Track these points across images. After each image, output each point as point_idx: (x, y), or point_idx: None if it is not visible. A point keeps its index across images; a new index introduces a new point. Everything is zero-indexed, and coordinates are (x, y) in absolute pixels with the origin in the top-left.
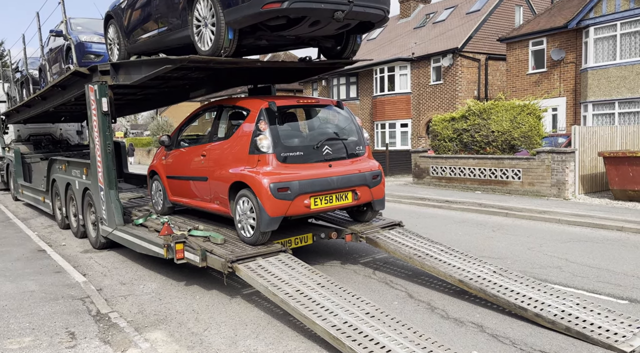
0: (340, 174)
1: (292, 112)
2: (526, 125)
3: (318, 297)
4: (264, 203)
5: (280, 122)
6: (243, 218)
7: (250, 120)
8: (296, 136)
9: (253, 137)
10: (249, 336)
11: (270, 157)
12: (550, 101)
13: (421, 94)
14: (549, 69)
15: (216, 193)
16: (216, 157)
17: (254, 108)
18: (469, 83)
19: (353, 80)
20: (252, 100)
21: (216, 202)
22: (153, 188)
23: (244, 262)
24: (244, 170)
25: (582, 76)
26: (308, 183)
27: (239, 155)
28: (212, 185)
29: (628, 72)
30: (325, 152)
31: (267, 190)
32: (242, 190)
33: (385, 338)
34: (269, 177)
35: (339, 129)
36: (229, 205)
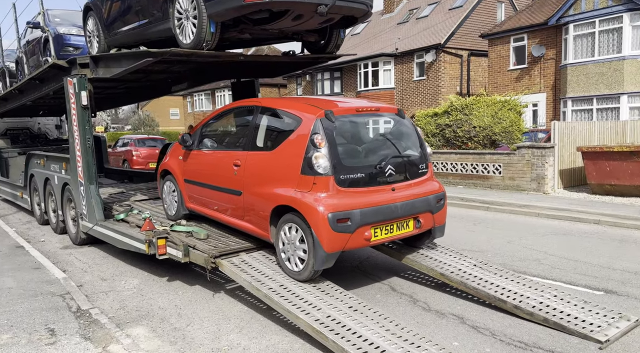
0: (404, 199)
1: (350, 123)
2: (507, 121)
3: (302, 292)
4: (321, 237)
5: (339, 136)
6: (289, 248)
7: (302, 132)
8: (356, 154)
9: (307, 154)
10: (232, 331)
11: (328, 181)
12: (531, 97)
13: (405, 89)
14: (529, 65)
15: (253, 212)
16: (256, 171)
17: (307, 116)
18: (451, 79)
19: (337, 75)
20: (303, 104)
21: (251, 222)
22: (165, 190)
23: (227, 257)
24: (294, 193)
25: (562, 72)
26: (371, 213)
27: (287, 174)
28: (247, 202)
29: (606, 69)
30: (388, 173)
31: (324, 221)
32: (288, 215)
33: (368, 331)
34: (328, 206)
35: (402, 143)
36: (269, 229)
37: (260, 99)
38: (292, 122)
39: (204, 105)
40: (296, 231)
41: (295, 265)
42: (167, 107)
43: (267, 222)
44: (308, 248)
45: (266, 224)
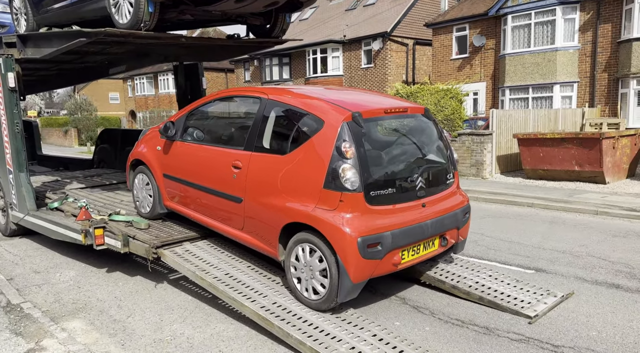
0: (434, 216)
1: (378, 128)
2: (449, 109)
3: (248, 280)
4: (348, 264)
5: (367, 144)
6: (305, 273)
7: (325, 137)
8: (386, 165)
9: (332, 165)
10: (175, 321)
11: (357, 198)
12: (472, 86)
13: (353, 76)
14: (471, 55)
15: (256, 224)
16: (262, 177)
17: (331, 118)
18: (397, 67)
19: (286, 60)
20: (323, 102)
21: (252, 234)
22: (136, 184)
23: (170, 247)
24: (314, 210)
25: (501, 62)
26: (402, 234)
27: (304, 186)
28: (249, 212)
29: (541, 59)
30: (419, 187)
31: (353, 246)
32: (304, 234)
33: (314, 315)
34: (357, 228)
35: (430, 150)
36: (277, 246)
37: (266, 89)
38: (311, 123)
39: (146, 89)
40: (315, 254)
41: (314, 292)
42: (106, 90)
43: (276, 238)
44: (330, 276)
45: (274, 240)
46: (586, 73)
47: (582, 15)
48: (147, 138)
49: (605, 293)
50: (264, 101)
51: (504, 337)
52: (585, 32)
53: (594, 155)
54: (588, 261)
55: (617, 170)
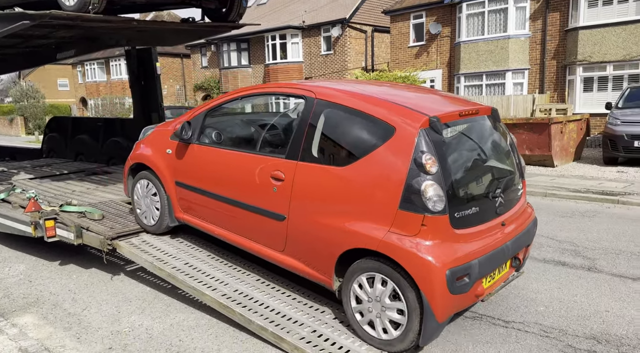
0: (513, 235)
1: (456, 134)
2: None
3: (208, 269)
4: (434, 302)
5: (448, 154)
6: (373, 308)
7: (398, 147)
8: (468, 179)
9: (410, 181)
10: (133, 312)
11: (442, 221)
12: (429, 73)
13: (313, 63)
14: (427, 42)
15: (304, 247)
16: (313, 192)
17: (404, 125)
18: (357, 54)
19: (244, 46)
20: (390, 104)
21: (297, 258)
22: (138, 191)
23: (125, 238)
24: (389, 235)
25: (456, 49)
26: (487, 261)
27: (373, 205)
28: (295, 232)
29: (494, 47)
30: (499, 202)
31: (441, 281)
32: (372, 262)
33: (276, 301)
34: (445, 259)
35: (502, 157)
36: (332, 274)
37: (313, 87)
38: (378, 129)
39: (97, 75)
40: (387, 286)
41: (383, 331)
42: (55, 76)
43: (330, 265)
44: (409, 315)
45: (327, 267)
46: (536, 60)
47: (532, 4)
48: (152, 139)
49: (552, 271)
50: (310, 101)
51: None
52: (535, 21)
53: (544, 139)
54: (537, 241)
55: (565, 153)
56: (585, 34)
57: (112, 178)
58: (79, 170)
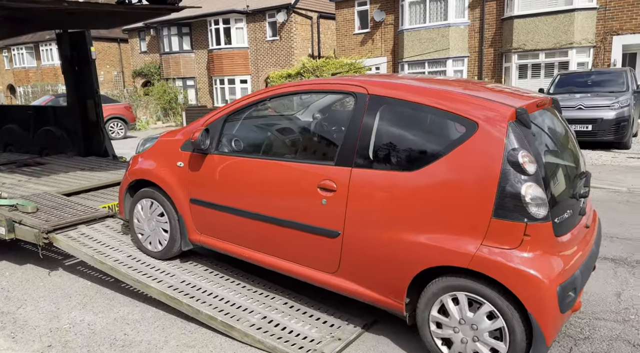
0: (593, 236)
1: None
2: None
3: (152, 260)
4: (545, 323)
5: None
6: (462, 332)
7: (484, 145)
8: (560, 178)
9: (506, 184)
10: (74, 308)
11: (546, 229)
12: (374, 60)
13: (259, 49)
14: (372, 30)
15: (365, 266)
16: (376, 202)
17: (488, 119)
18: (303, 40)
19: (186, 30)
20: (465, 96)
21: (356, 280)
22: (140, 212)
23: (63, 230)
24: (480, 248)
25: (400, 37)
26: (585, 269)
27: (457, 215)
28: (352, 249)
29: (435, 35)
30: (582, 202)
31: (552, 299)
32: (459, 279)
33: (225, 289)
34: (553, 273)
35: (573, 151)
36: (404, 296)
37: (362, 81)
38: (455, 126)
39: (26, 60)
40: (478, 307)
41: None
42: None
43: (403, 287)
44: (512, 340)
45: (397, 289)
46: (475, 48)
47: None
48: (157, 151)
49: None
50: (362, 98)
51: None
52: (474, 9)
53: None
54: None
55: None
56: (519, 23)
57: (46, 169)
58: (8, 161)
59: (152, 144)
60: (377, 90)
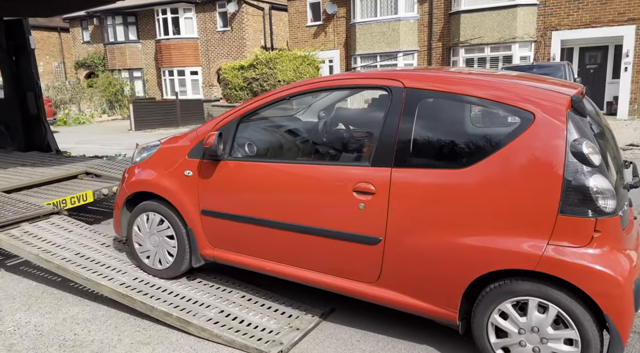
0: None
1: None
2: (307, 76)
3: (103, 258)
4: (621, 324)
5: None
6: (531, 342)
7: (542, 136)
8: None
9: (571, 177)
10: (18, 309)
11: (614, 224)
12: (327, 53)
13: (209, 40)
14: (324, 22)
15: (412, 275)
16: (422, 203)
17: (545, 109)
18: (255, 32)
19: (132, 20)
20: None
21: (399, 289)
22: (140, 229)
23: (4, 229)
24: (546, 248)
25: (352, 30)
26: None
27: (519, 213)
28: (395, 256)
29: (386, 28)
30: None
31: (629, 297)
32: (517, 283)
33: (180, 285)
34: (627, 270)
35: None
36: (458, 304)
37: (397, 74)
38: (507, 118)
39: None
40: (544, 312)
41: None
42: None
43: (457, 294)
44: (584, 343)
45: (450, 297)
46: (424, 42)
47: None
48: (158, 160)
49: None
50: (398, 92)
51: None
52: (423, 4)
53: None
54: None
55: None
56: (466, 18)
57: None
58: None
59: (150, 153)
60: (415, 83)
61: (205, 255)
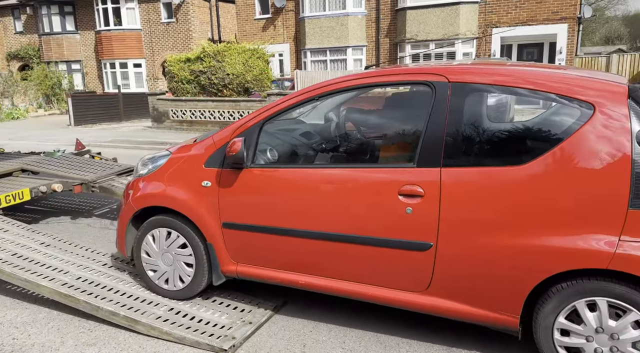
0: None
1: None
2: (257, 69)
3: (42, 258)
4: None
5: None
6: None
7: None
8: None
9: (638, 169)
10: None
11: None
12: (277, 46)
13: (153, 31)
14: (273, 15)
15: (468, 281)
16: (477, 203)
17: (606, 99)
18: (202, 24)
19: (69, 9)
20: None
21: (452, 296)
22: (151, 245)
23: None
24: (618, 245)
25: (301, 24)
26: None
27: (585, 208)
28: (450, 262)
29: (335, 23)
30: None
31: None
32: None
33: (127, 284)
34: None
35: None
36: (520, 310)
37: (441, 69)
38: (565, 110)
39: None
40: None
41: None
42: None
43: (519, 298)
44: None
45: (512, 302)
46: (372, 38)
47: None
48: (170, 171)
49: None
50: (442, 87)
51: None
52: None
53: None
54: None
55: None
56: (412, 14)
57: None
58: None
59: (158, 164)
60: (460, 77)
61: (227, 271)
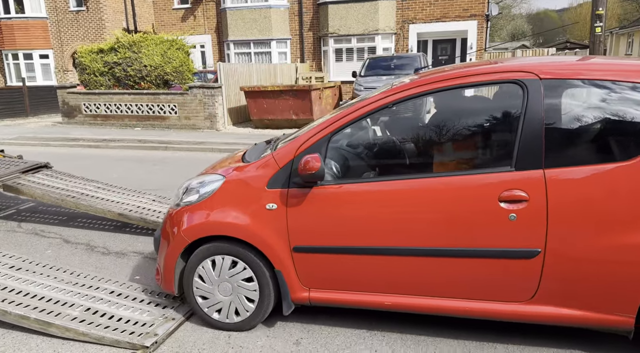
0: None
1: None
2: (177, 61)
3: None
4: None
5: None
6: None
7: None
8: None
9: None
10: None
11: None
12: (198, 38)
13: (61, 20)
14: (193, 5)
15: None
16: (587, 204)
17: None
18: (116, 12)
19: None
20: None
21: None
22: (206, 276)
23: None
24: None
25: (223, 15)
26: None
27: None
28: (559, 268)
29: (258, 15)
30: None
31: None
32: None
33: (37, 286)
34: None
35: None
36: (635, 311)
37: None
38: None
39: None
40: None
41: None
42: None
43: (636, 299)
44: None
45: (627, 303)
46: (296, 31)
47: None
48: (225, 196)
49: None
50: (534, 85)
51: None
52: None
53: (306, 104)
54: None
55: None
56: (333, 9)
57: None
58: None
59: (210, 190)
60: (551, 73)
61: (298, 299)
